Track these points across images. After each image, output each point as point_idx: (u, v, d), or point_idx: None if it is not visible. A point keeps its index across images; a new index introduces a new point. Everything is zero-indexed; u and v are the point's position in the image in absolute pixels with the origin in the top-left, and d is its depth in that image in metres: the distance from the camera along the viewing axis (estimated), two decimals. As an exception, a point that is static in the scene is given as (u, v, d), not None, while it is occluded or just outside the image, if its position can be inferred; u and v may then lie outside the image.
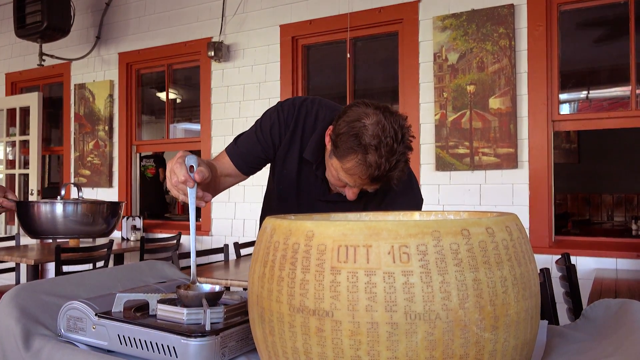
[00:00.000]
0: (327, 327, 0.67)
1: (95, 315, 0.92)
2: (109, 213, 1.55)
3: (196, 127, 4.85)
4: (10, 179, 5.58)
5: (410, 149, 1.21)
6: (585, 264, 3.10)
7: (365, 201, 1.40)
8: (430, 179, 3.52)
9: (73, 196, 4.90)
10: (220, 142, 4.34)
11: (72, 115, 5.13)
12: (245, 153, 1.42)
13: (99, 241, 3.95)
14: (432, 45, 3.52)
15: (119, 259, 4.22)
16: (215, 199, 4.18)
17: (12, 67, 5.60)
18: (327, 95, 1.56)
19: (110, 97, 4.92)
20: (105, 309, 0.94)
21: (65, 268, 3.28)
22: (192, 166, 1.05)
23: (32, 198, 5.04)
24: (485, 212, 0.89)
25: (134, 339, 0.87)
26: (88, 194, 4.88)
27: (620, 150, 5.85)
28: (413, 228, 0.66)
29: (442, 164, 3.45)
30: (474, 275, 0.66)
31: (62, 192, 1.57)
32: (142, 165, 5.68)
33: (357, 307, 0.65)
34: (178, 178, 1.04)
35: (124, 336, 0.89)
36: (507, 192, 3.31)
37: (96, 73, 5.03)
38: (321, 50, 4.23)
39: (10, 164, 5.61)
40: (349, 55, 3.94)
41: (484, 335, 0.66)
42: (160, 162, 6.34)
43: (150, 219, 5.22)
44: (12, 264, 4.08)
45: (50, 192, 6.13)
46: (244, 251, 3.62)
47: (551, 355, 0.87)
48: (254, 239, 3.91)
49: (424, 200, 1.51)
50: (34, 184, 5.07)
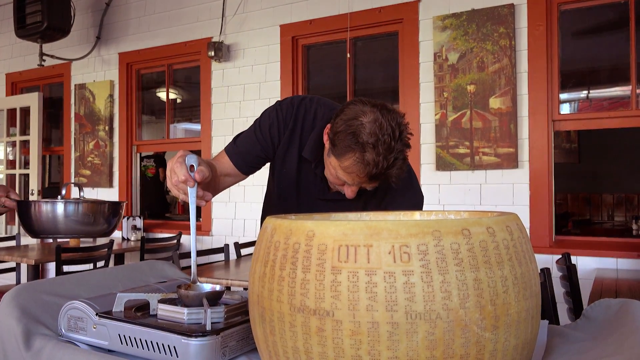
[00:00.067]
0: (328, 326, 0.67)
1: (96, 315, 0.92)
2: (110, 213, 1.55)
3: (196, 127, 4.85)
4: (10, 179, 5.58)
5: (409, 146, 1.21)
6: (586, 264, 3.10)
7: (365, 200, 1.40)
8: (430, 179, 3.52)
9: (74, 196, 4.90)
10: (221, 142, 4.34)
11: (73, 115, 5.13)
12: (245, 152, 1.42)
13: (100, 241, 3.95)
14: (432, 45, 3.52)
15: (119, 259, 4.23)
16: (215, 199, 4.19)
17: (13, 67, 5.60)
18: (327, 95, 1.56)
19: (111, 97, 4.92)
20: (106, 308, 0.94)
21: (65, 268, 3.29)
22: (192, 165, 1.05)
23: (33, 198, 5.04)
24: (485, 211, 0.89)
25: (135, 338, 0.88)
26: (88, 193, 4.88)
27: (621, 150, 5.84)
28: (414, 228, 0.66)
29: (442, 164, 3.45)
30: (474, 275, 0.66)
31: (63, 191, 1.57)
32: (142, 165, 5.69)
33: (358, 306, 0.65)
34: (178, 177, 1.04)
35: (124, 336, 0.89)
36: (508, 192, 3.31)
37: (96, 73, 5.04)
38: (321, 50, 4.23)
39: (11, 164, 5.61)
40: (349, 55, 3.94)
41: (485, 335, 0.66)
42: (160, 162, 6.34)
43: (151, 218, 5.23)
44: (12, 264, 4.08)
45: (50, 192, 6.14)
46: (244, 251, 3.62)
47: (552, 355, 0.87)
48: (254, 239, 3.91)
49: (424, 197, 1.50)
50: (34, 184, 5.07)
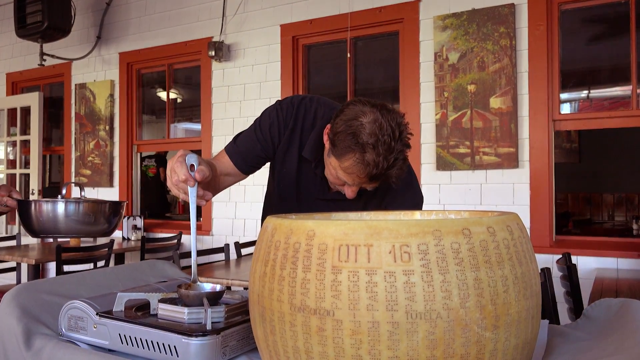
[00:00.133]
0: (328, 326, 0.67)
1: (97, 314, 0.92)
2: (111, 212, 1.55)
3: (197, 126, 4.85)
4: (11, 178, 5.58)
5: (409, 146, 1.21)
6: (586, 264, 3.10)
7: (366, 200, 1.40)
8: (431, 179, 3.52)
9: (75, 195, 4.91)
10: (221, 141, 4.34)
11: (73, 115, 5.13)
12: (245, 152, 1.42)
13: (100, 241, 3.96)
14: (432, 44, 3.52)
15: (119, 259, 4.23)
16: (215, 198, 4.19)
17: (13, 67, 5.60)
18: (327, 95, 1.56)
19: (111, 97, 4.92)
20: (106, 308, 0.94)
21: (66, 268, 3.29)
22: (192, 165, 1.05)
23: (33, 198, 5.04)
24: (486, 211, 0.89)
25: (135, 338, 0.88)
26: (89, 193, 4.89)
27: (621, 149, 5.84)
28: (414, 227, 0.66)
29: (442, 164, 3.45)
30: (475, 274, 0.66)
31: (63, 191, 1.57)
32: (143, 165, 5.69)
33: (358, 306, 0.65)
34: (179, 177, 1.04)
35: (125, 335, 0.89)
36: (508, 192, 3.31)
37: (97, 73, 5.04)
38: (322, 50, 4.23)
39: (11, 163, 5.61)
40: (349, 55, 3.94)
41: (485, 334, 0.66)
42: (161, 161, 6.34)
43: (151, 218, 5.23)
44: (13, 264, 4.08)
45: (51, 192, 6.14)
46: (244, 251, 3.62)
47: (552, 355, 0.87)
48: (254, 239, 3.91)
49: (424, 199, 1.50)
50: (34, 184, 5.07)
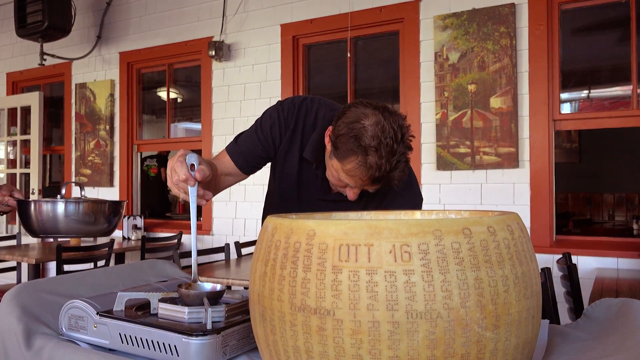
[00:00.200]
0: (329, 326, 0.67)
1: (97, 314, 0.92)
2: (111, 212, 1.55)
3: (197, 126, 4.85)
4: (11, 178, 5.58)
5: (410, 148, 1.21)
6: (586, 264, 3.10)
7: (366, 201, 1.40)
8: (431, 179, 3.52)
9: (75, 195, 4.91)
10: (221, 141, 4.34)
11: (73, 114, 5.13)
12: (246, 152, 1.42)
13: (100, 240, 3.95)
14: (433, 44, 3.52)
15: (120, 258, 4.23)
16: (216, 198, 4.19)
17: (13, 67, 5.60)
18: (327, 95, 1.56)
19: (111, 97, 4.92)
20: (107, 307, 0.94)
21: (66, 267, 3.29)
22: (192, 164, 1.05)
23: (34, 197, 5.04)
24: (486, 211, 0.89)
25: (136, 337, 0.88)
26: (89, 193, 4.89)
27: (622, 149, 5.84)
28: (414, 227, 0.66)
29: (443, 164, 3.45)
30: (475, 274, 0.66)
31: (63, 191, 1.57)
32: (145, 165, 5.69)
33: (359, 306, 0.65)
34: (179, 176, 1.04)
35: (125, 335, 0.89)
36: (508, 192, 3.31)
37: (97, 72, 5.04)
38: (322, 50, 4.23)
39: (12, 163, 5.61)
40: (349, 55, 3.94)
41: (486, 334, 0.66)
42: (163, 161, 6.33)
43: (152, 218, 5.23)
44: (13, 263, 4.08)
45: (51, 191, 6.14)
46: (244, 250, 3.62)
47: (552, 355, 0.87)
48: (254, 238, 3.91)
49: (423, 200, 1.51)
50: (35, 184, 5.07)
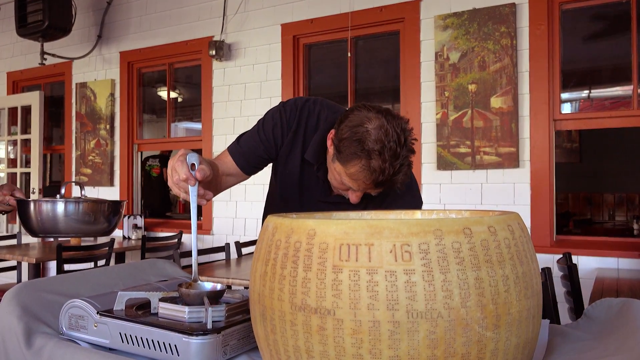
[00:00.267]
0: (329, 325, 0.67)
1: (97, 313, 0.92)
2: (110, 212, 1.54)
3: (197, 126, 4.85)
4: (11, 177, 5.58)
5: (413, 152, 1.21)
6: (587, 264, 3.10)
7: (366, 203, 1.40)
8: (431, 178, 3.52)
9: (76, 195, 4.91)
10: (222, 141, 4.34)
11: (74, 114, 5.13)
12: (248, 153, 1.42)
13: (101, 240, 3.95)
14: (433, 44, 3.52)
15: (120, 258, 4.23)
16: (216, 198, 4.18)
17: (14, 66, 5.60)
18: (328, 94, 1.56)
19: (112, 96, 4.92)
20: (107, 307, 0.94)
21: (66, 266, 3.29)
22: (193, 164, 1.05)
23: (34, 197, 5.04)
24: (487, 211, 0.89)
25: (136, 337, 0.88)
26: (89, 192, 4.89)
27: (622, 149, 5.83)
28: (415, 227, 0.66)
29: (443, 163, 3.45)
30: (475, 274, 0.66)
31: (62, 190, 1.57)
32: (147, 164, 5.69)
33: (359, 305, 0.65)
34: (179, 176, 1.04)
35: (125, 334, 0.89)
36: (509, 192, 3.31)
37: (97, 72, 5.04)
38: (322, 49, 4.23)
39: (12, 162, 5.61)
40: (350, 54, 3.93)
41: (486, 334, 0.66)
42: (165, 162, 6.31)
43: (152, 217, 5.23)
44: (13, 263, 4.08)
45: (51, 191, 6.13)
46: (245, 250, 3.62)
47: (553, 354, 0.87)
48: (255, 238, 3.91)
49: (423, 203, 1.51)
50: (35, 183, 5.08)
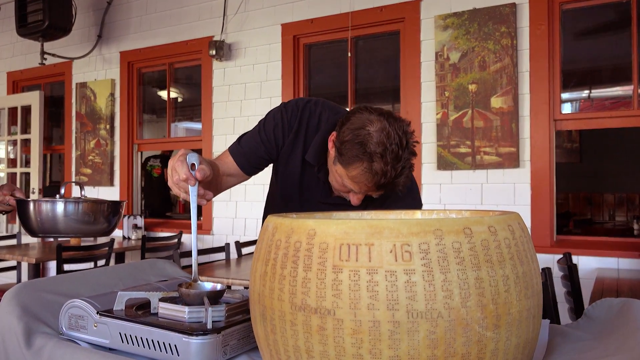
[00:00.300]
0: (329, 325, 0.66)
1: (97, 313, 0.92)
2: (110, 212, 1.54)
3: (197, 126, 4.85)
4: (11, 177, 5.58)
5: (415, 154, 1.21)
6: (587, 264, 3.10)
7: (365, 205, 1.40)
8: (431, 178, 3.52)
9: (75, 195, 4.91)
10: (222, 141, 4.34)
11: (74, 114, 5.13)
12: (249, 153, 1.41)
13: (100, 240, 3.95)
14: (433, 44, 3.52)
15: (120, 258, 4.23)
16: (216, 198, 4.18)
17: (14, 66, 5.60)
18: (328, 94, 1.56)
19: (112, 96, 4.92)
20: (107, 307, 0.94)
21: (66, 267, 3.29)
22: (193, 164, 1.05)
23: (34, 197, 5.04)
24: (487, 211, 0.89)
25: (136, 337, 0.87)
26: (89, 192, 4.89)
27: (622, 149, 5.83)
28: (415, 226, 0.66)
29: (443, 163, 3.45)
30: (476, 273, 0.66)
31: (62, 190, 1.56)
32: (148, 165, 5.69)
33: (359, 305, 0.65)
34: (179, 176, 1.04)
35: (125, 334, 0.89)
36: (509, 192, 3.30)
37: (97, 72, 5.04)
38: (322, 49, 4.23)
39: (12, 162, 5.61)
40: (350, 54, 3.93)
41: (486, 334, 0.66)
42: (166, 162, 6.31)
43: (152, 217, 5.23)
44: (13, 263, 4.08)
45: (51, 190, 6.13)
46: (245, 250, 3.62)
47: (553, 354, 0.87)
48: (255, 238, 3.91)
49: (423, 205, 1.51)
50: (35, 183, 5.07)
